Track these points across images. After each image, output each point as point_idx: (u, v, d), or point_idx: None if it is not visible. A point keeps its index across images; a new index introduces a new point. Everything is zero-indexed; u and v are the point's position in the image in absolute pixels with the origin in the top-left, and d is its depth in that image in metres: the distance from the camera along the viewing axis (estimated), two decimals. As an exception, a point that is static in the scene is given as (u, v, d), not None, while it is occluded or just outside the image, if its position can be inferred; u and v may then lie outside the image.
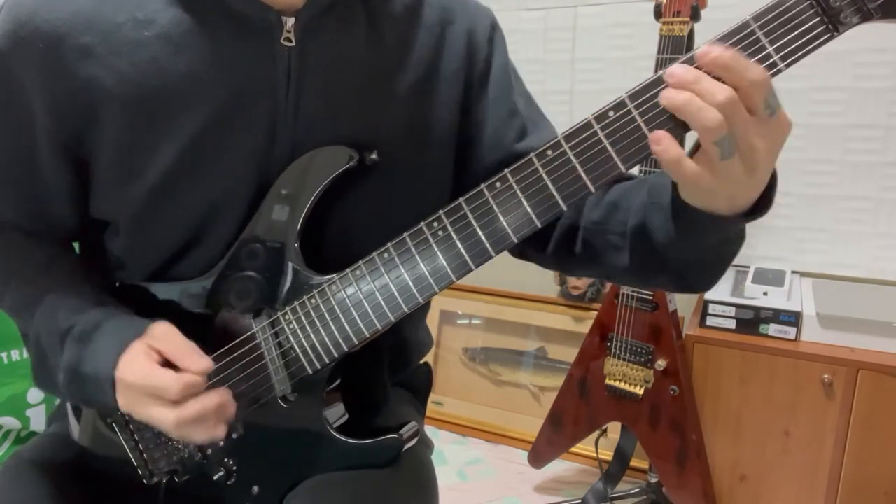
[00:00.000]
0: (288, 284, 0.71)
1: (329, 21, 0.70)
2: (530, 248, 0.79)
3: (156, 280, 0.75)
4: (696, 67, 0.54)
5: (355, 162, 0.70)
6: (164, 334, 0.68)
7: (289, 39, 0.68)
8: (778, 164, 0.58)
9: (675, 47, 1.43)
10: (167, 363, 0.66)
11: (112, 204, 0.73)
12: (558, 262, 0.80)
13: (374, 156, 0.71)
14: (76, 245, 0.83)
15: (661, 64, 1.46)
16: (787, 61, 0.54)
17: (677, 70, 0.54)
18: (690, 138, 0.56)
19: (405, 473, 0.76)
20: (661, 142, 0.55)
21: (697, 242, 0.63)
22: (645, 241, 0.66)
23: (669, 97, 0.54)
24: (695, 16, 1.42)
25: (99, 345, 0.68)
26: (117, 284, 0.78)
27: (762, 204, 0.59)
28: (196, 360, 0.66)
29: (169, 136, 0.68)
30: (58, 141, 0.70)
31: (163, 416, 0.64)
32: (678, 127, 0.56)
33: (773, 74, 0.54)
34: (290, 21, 0.68)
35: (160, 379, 0.64)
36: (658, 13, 1.46)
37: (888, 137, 1.63)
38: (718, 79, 0.53)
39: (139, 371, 0.65)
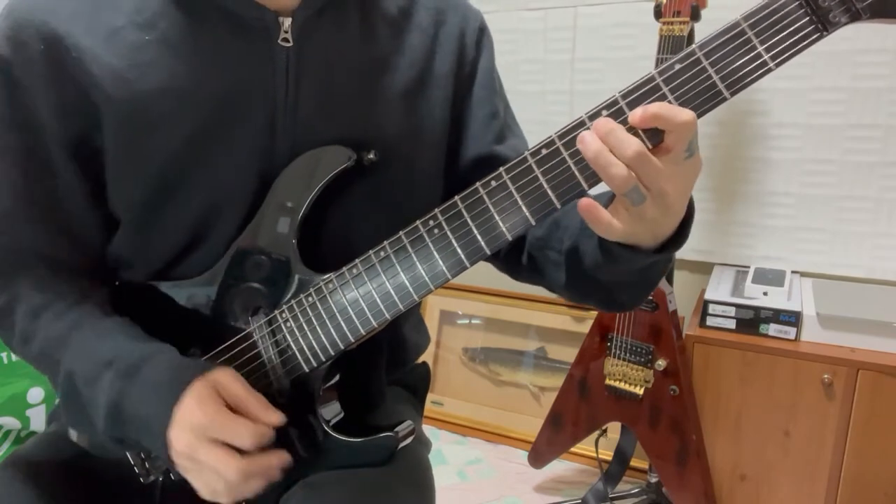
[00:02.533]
0: (285, 283, 0.71)
1: (325, 21, 0.71)
2: None
3: (159, 278, 0.75)
4: (629, 125, 0.56)
5: (354, 161, 0.70)
6: (232, 381, 0.65)
7: (286, 40, 0.69)
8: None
9: (675, 47, 1.43)
10: (231, 409, 0.64)
11: (115, 205, 0.73)
12: (508, 268, 0.84)
13: (371, 155, 0.71)
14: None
15: (660, 64, 1.46)
16: (778, 60, 0.55)
17: (597, 120, 0.56)
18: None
19: (401, 471, 0.76)
20: (591, 211, 0.59)
21: (623, 269, 0.65)
22: (578, 264, 0.69)
23: (585, 144, 0.56)
24: (695, 16, 1.42)
25: (148, 381, 0.65)
26: (117, 283, 0.78)
27: (681, 233, 0.63)
28: (270, 413, 0.64)
29: (169, 137, 0.68)
30: (68, 145, 0.70)
31: (228, 464, 0.61)
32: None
33: (764, 73, 0.55)
34: (287, 21, 0.69)
35: (233, 423, 0.62)
36: (658, 13, 1.46)
37: (888, 137, 1.63)
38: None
39: (210, 412, 0.62)
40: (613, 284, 0.69)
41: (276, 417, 0.65)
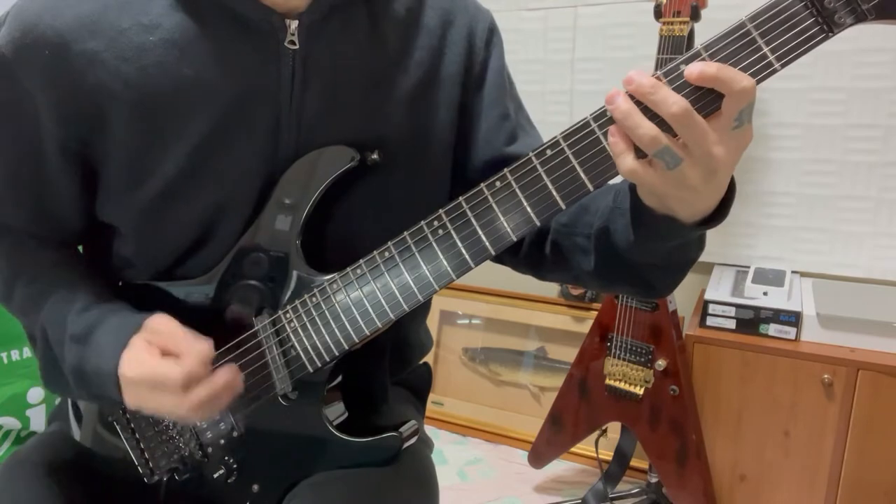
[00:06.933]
0: (289, 283, 0.71)
1: (332, 24, 0.71)
2: (504, 250, 0.80)
3: (163, 278, 0.75)
4: (684, 83, 0.54)
5: (357, 162, 0.70)
6: (161, 326, 0.68)
7: (293, 42, 0.69)
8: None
9: (675, 47, 1.43)
10: (167, 354, 0.66)
11: (120, 207, 0.73)
12: (529, 264, 0.81)
13: (375, 156, 0.71)
14: (80, 248, 0.83)
15: (660, 64, 1.46)
16: (783, 61, 0.55)
17: (636, 77, 0.54)
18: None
19: (405, 471, 0.76)
20: (612, 141, 0.56)
21: (656, 247, 0.64)
22: (608, 244, 0.67)
23: (615, 105, 0.55)
24: (695, 16, 1.42)
25: (99, 343, 0.69)
26: (120, 283, 0.78)
27: (721, 211, 0.60)
28: (193, 345, 0.65)
29: (175, 139, 0.68)
30: (65, 146, 0.70)
31: (173, 405, 0.65)
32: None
33: (769, 75, 0.55)
34: (294, 24, 0.69)
35: (161, 369, 0.64)
36: (658, 13, 1.46)
37: (888, 137, 1.63)
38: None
39: (140, 365, 0.65)
40: (645, 267, 0.67)
41: (201, 348, 0.66)
